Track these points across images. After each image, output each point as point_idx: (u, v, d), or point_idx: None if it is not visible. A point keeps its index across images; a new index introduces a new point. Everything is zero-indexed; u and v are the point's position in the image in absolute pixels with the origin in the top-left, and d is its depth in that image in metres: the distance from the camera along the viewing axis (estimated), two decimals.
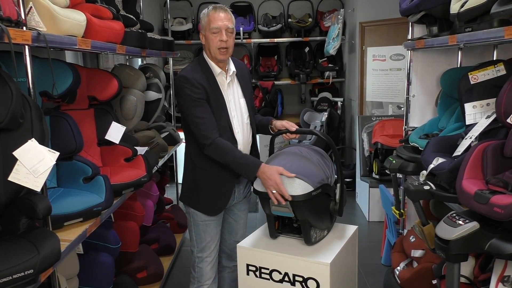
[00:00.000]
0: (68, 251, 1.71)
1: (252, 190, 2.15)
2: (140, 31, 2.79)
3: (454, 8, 1.99)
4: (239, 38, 5.58)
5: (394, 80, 4.93)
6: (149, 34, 3.08)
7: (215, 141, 2.07)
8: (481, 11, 1.78)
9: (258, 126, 2.38)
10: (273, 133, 2.31)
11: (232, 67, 2.22)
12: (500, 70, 2.03)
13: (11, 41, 1.34)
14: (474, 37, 1.84)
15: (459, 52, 2.72)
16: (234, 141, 2.17)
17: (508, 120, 1.73)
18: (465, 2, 1.89)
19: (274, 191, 1.91)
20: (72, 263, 2.18)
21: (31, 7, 1.62)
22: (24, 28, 1.50)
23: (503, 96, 1.75)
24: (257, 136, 2.38)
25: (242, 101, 2.26)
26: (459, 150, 1.95)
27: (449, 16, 2.06)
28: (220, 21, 2.09)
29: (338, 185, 2.10)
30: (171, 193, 4.68)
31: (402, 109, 3.13)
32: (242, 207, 2.41)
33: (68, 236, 1.79)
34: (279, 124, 2.26)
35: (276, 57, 6.08)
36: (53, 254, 1.41)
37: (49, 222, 1.65)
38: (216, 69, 2.16)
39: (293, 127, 2.20)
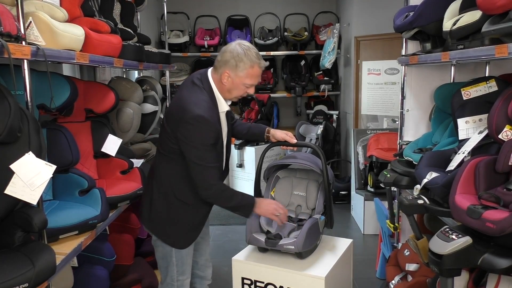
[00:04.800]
0: (63, 264, 1.71)
1: None
2: (137, 44, 2.82)
3: (447, 26, 2.04)
4: None
5: (388, 93, 4.98)
6: (146, 47, 3.10)
7: (217, 186, 1.99)
8: (472, 29, 1.82)
9: (247, 134, 2.33)
10: (269, 142, 2.29)
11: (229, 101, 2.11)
12: (492, 87, 2.06)
13: (11, 56, 1.36)
14: (466, 54, 1.87)
15: (452, 67, 2.76)
16: (221, 173, 2.11)
17: (500, 136, 1.75)
18: (457, 20, 1.94)
19: (277, 214, 2.04)
20: (66, 277, 2.16)
21: (30, 22, 1.64)
22: (24, 43, 1.52)
23: (495, 112, 1.78)
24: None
25: (225, 131, 2.14)
26: (452, 165, 1.97)
27: (442, 33, 2.10)
28: (259, 78, 2.02)
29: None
30: None
31: (397, 122, 3.16)
32: (206, 223, 2.30)
33: (63, 249, 1.79)
34: (279, 135, 2.25)
35: (272, 70, 6.12)
36: (49, 268, 1.41)
37: (44, 235, 1.65)
38: (224, 106, 2.04)
39: (292, 139, 2.22)
